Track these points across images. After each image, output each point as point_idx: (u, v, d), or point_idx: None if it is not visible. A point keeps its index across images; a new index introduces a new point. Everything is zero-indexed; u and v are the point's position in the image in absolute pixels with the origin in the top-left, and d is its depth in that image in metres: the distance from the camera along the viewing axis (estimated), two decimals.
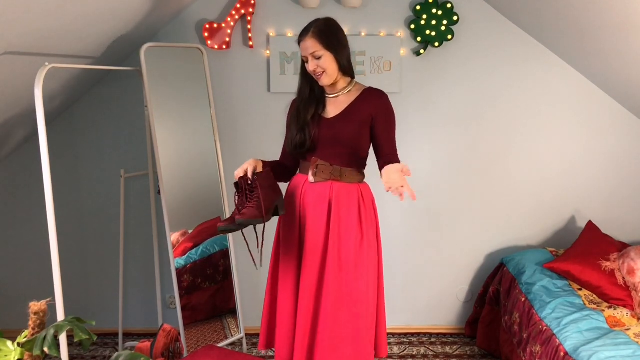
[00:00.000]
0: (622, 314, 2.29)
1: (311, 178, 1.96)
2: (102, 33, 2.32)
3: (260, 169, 1.92)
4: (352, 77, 2.02)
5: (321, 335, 1.94)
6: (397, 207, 3.03)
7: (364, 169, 2.05)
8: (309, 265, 1.96)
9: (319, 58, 1.88)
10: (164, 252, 2.87)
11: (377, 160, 1.99)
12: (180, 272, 2.63)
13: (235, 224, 1.80)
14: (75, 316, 1.29)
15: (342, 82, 1.99)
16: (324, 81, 1.93)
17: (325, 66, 1.89)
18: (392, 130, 2.00)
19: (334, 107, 1.99)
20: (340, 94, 1.99)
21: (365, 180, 2.06)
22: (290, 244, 2.01)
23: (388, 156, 1.96)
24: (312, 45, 1.87)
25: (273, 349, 2.18)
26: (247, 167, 1.88)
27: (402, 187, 1.69)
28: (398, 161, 1.97)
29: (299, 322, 1.96)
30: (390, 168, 1.75)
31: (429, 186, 3.01)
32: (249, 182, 1.85)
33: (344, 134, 1.93)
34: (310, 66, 1.90)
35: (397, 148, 2.03)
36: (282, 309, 2.03)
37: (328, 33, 1.90)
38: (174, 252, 2.59)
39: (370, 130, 1.97)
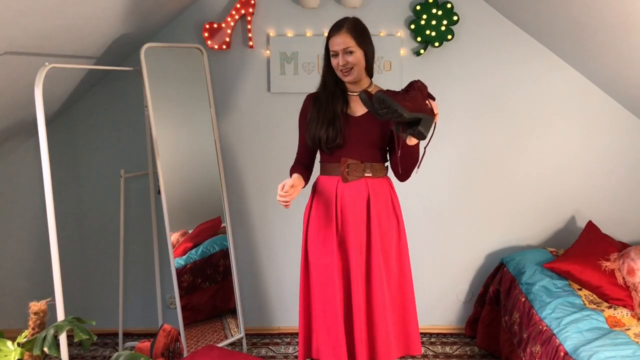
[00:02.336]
0: (622, 314, 2.29)
1: (344, 178, 1.99)
2: (102, 33, 2.32)
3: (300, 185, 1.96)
4: (371, 76, 2.06)
5: (379, 332, 1.99)
6: None
7: (386, 162, 2.10)
8: (354, 267, 1.97)
9: (350, 53, 1.91)
10: (164, 252, 2.87)
11: (389, 158, 2.05)
12: (180, 272, 2.63)
13: (373, 99, 1.71)
14: (75, 316, 1.29)
15: (365, 80, 2.03)
16: (349, 78, 1.95)
17: (355, 62, 1.92)
18: None
19: (359, 105, 2.01)
20: None
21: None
22: (328, 249, 2.01)
23: None
24: (345, 40, 1.90)
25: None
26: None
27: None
28: None
29: (356, 324, 1.97)
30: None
31: (429, 186, 3.01)
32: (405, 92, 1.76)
33: (372, 133, 1.97)
34: (340, 61, 1.92)
35: None
36: (331, 314, 2.00)
37: (360, 31, 1.94)
38: (174, 252, 2.59)
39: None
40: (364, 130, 1.97)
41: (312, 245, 2.06)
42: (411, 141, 1.83)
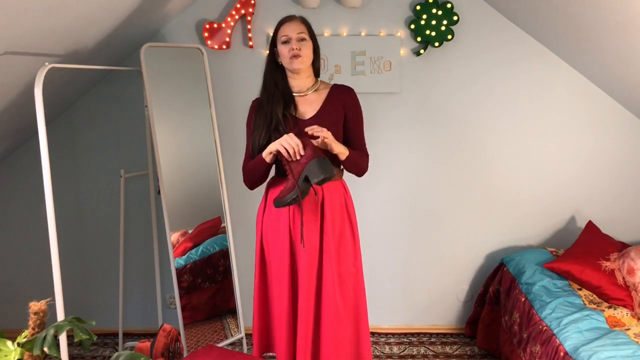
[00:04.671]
0: (622, 313, 2.29)
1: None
2: (102, 33, 2.32)
3: None
4: (318, 76, 2.07)
5: (325, 337, 1.96)
6: (396, 207, 3.03)
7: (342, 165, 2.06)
8: (306, 268, 1.95)
9: (303, 40, 1.93)
10: (164, 252, 2.87)
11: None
12: (180, 272, 2.63)
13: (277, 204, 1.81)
14: (75, 316, 1.29)
15: (310, 79, 2.02)
16: (297, 64, 1.93)
17: (306, 50, 1.94)
18: (361, 124, 2.05)
19: (307, 107, 1.99)
20: (308, 92, 2.01)
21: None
22: (282, 248, 1.99)
23: (357, 150, 2.01)
24: (299, 27, 1.95)
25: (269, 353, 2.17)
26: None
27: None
28: (367, 155, 2.03)
29: (299, 327, 1.95)
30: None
31: (429, 186, 3.01)
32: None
33: None
34: (293, 45, 1.92)
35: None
36: (280, 314, 2.01)
37: (310, 25, 2.01)
38: (174, 252, 2.59)
39: (343, 124, 2.01)
40: None
41: (267, 248, 2.04)
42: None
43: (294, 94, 2.00)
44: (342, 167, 2.04)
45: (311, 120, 1.95)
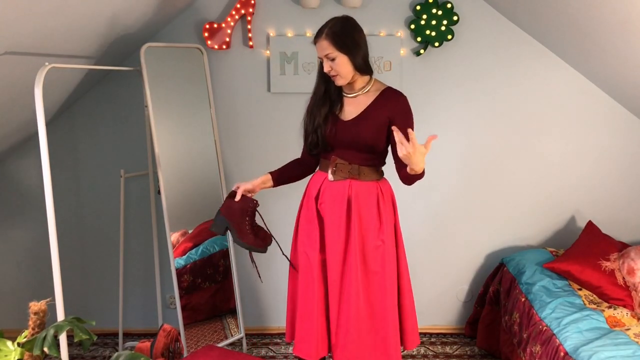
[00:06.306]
0: (622, 314, 2.29)
1: (330, 176, 1.99)
2: (102, 33, 2.32)
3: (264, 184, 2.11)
4: (371, 75, 2.00)
5: (346, 332, 1.98)
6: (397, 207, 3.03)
7: (383, 166, 2.06)
8: (331, 263, 1.98)
9: (332, 59, 1.88)
10: (164, 252, 2.87)
11: (395, 161, 1.97)
12: (180, 272, 2.63)
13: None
14: (75, 316, 1.29)
15: (360, 81, 1.98)
16: (339, 82, 1.94)
17: (339, 68, 1.88)
18: (411, 129, 1.99)
19: (352, 108, 1.98)
20: (359, 93, 1.99)
21: (384, 176, 2.09)
22: (312, 240, 2.03)
23: None
24: (325, 46, 1.87)
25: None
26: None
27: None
28: None
29: (331, 319, 1.99)
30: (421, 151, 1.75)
31: (429, 186, 3.00)
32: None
33: (362, 137, 1.94)
34: (325, 67, 1.91)
35: None
36: (305, 303, 2.04)
37: (342, 34, 1.87)
38: (174, 252, 2.59)
39: (387, 130, 1.96)
40: (353, 135, 1.94)
41: (301, 236, 2.09)
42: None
43: (344, 95, 2.01)
44: (380, 169, 2.05)
45: (351, 121, 1.96)
